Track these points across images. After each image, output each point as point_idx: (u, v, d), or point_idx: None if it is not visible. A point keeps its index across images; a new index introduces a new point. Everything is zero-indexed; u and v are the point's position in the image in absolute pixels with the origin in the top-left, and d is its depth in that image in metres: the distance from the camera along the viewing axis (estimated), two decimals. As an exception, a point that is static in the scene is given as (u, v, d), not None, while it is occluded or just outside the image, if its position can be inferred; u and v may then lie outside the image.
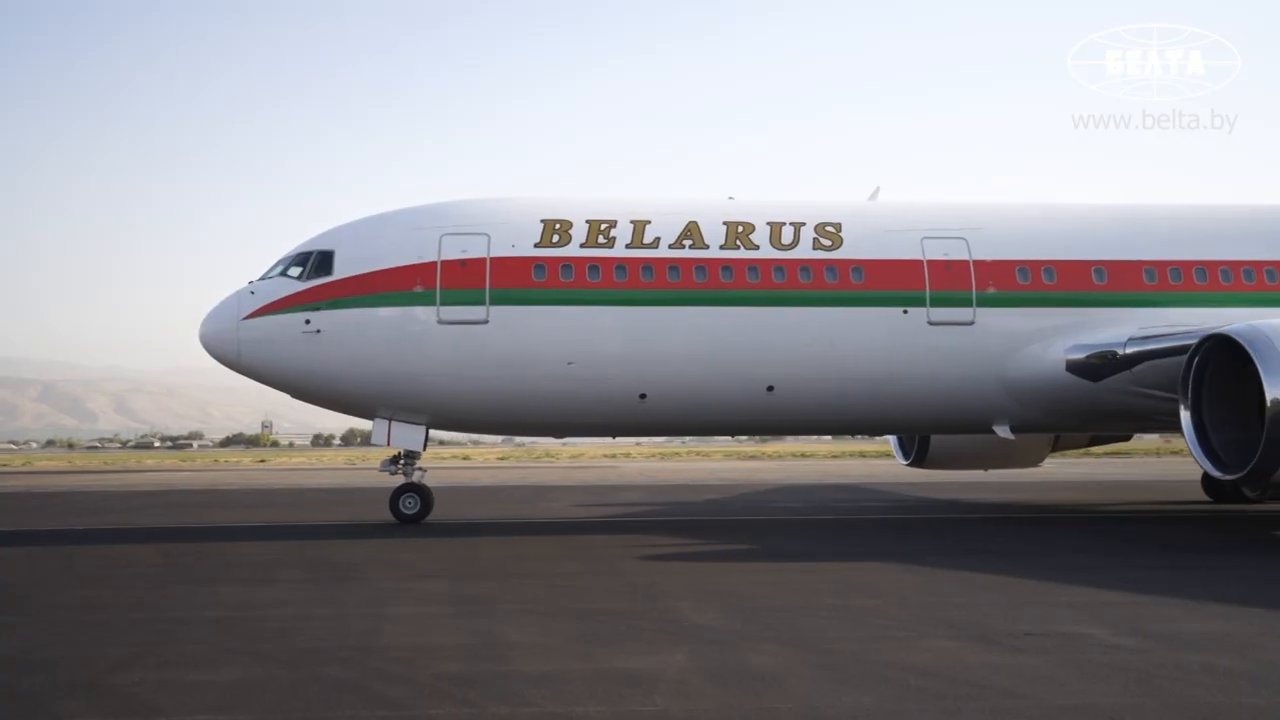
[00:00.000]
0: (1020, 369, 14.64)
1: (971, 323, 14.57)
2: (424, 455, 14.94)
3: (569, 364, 14.01)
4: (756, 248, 14.60)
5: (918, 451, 18.92)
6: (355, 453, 73.95)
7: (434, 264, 13.99)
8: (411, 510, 14.68)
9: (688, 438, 65.94)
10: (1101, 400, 14.36)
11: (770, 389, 14.41)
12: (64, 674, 5.94)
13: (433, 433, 15.04)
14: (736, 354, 14.28)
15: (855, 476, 29.49)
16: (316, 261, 14.22)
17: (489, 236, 14.24)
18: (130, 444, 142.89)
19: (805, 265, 14.57)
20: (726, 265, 14.49)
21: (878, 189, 17.20)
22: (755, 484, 26.33)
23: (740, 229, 14.72)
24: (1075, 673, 5.76)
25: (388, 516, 14.66)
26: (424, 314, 13.90)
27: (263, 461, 55.73)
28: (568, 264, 14.26)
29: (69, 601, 8.69)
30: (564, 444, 79.47)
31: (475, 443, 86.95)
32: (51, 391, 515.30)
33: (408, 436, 14.44)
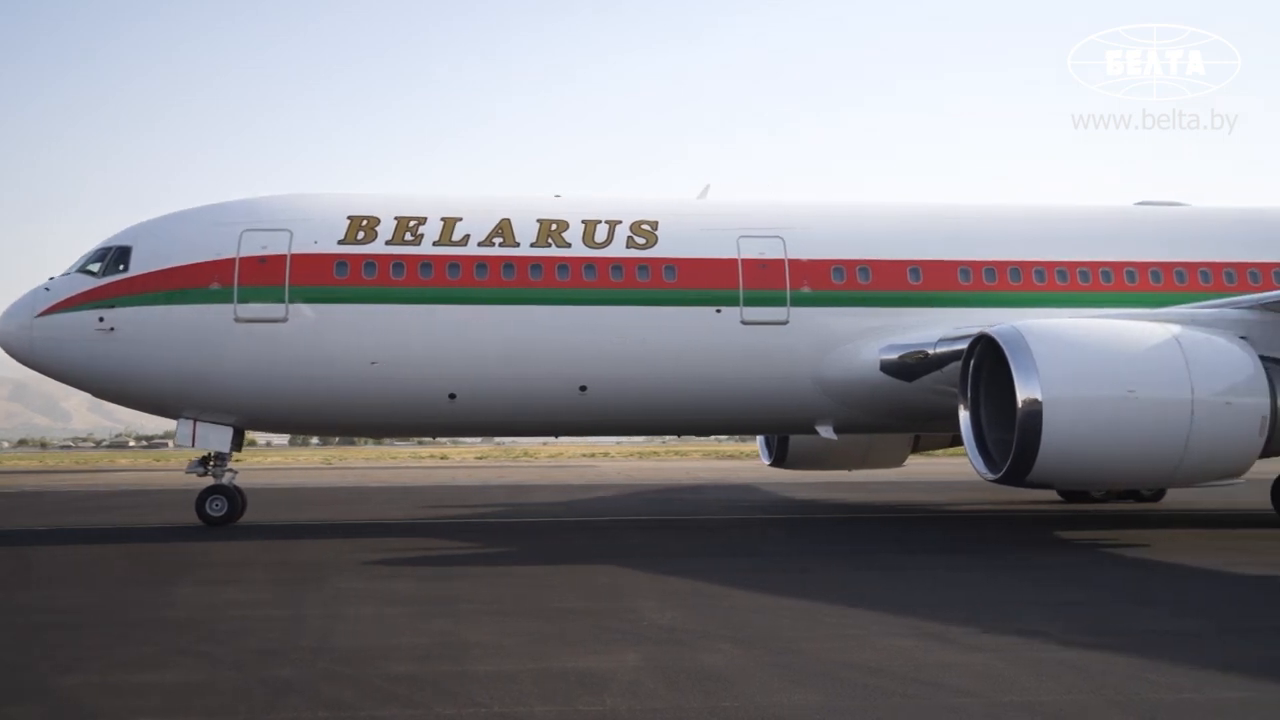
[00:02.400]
0: (836, 369, 14.53)
1: (786, 322, 14.42)
2: (406, 454, 14.83)
3: (372, 364, 13.75)
4: (569, 246, 14.47)
5: (777, 452, 18.90)
6: (333, 452, 73.63)
7: (232, 260, 13.70)
8: (218, 513, 14.34)
9: (664, 437, 65.83)
10: (916, 400, 14.26)
11: (583, 389, 14.24)
12: (8, 677, 5.87)
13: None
14: (547, 354, 14.08)
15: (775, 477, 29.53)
16: (114, 257, 13.91)
17: (291, 233, 13.97)
18: (104, 444, 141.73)
19: (617, 264, 14.42)
20: (536, 263, 14.32)
21: (707, 187, 16.98)
22: (701, 482, 26.35)
23: (554, 227, 14.55)
24: (1026, 670, 5.78)
25: (359, 517, 14.63)
26: (220, 312, 13.58)
27: (238, 461, 55.29)
28: (371, 261, 13.99)
29: (25, 603, 8.60)
30: (544, 444, 79.51)
31: (455, 443, 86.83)
32: (24, 390, 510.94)
33: (214, 438, 14.16)
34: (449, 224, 14.40)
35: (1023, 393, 11.03)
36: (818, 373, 14.51)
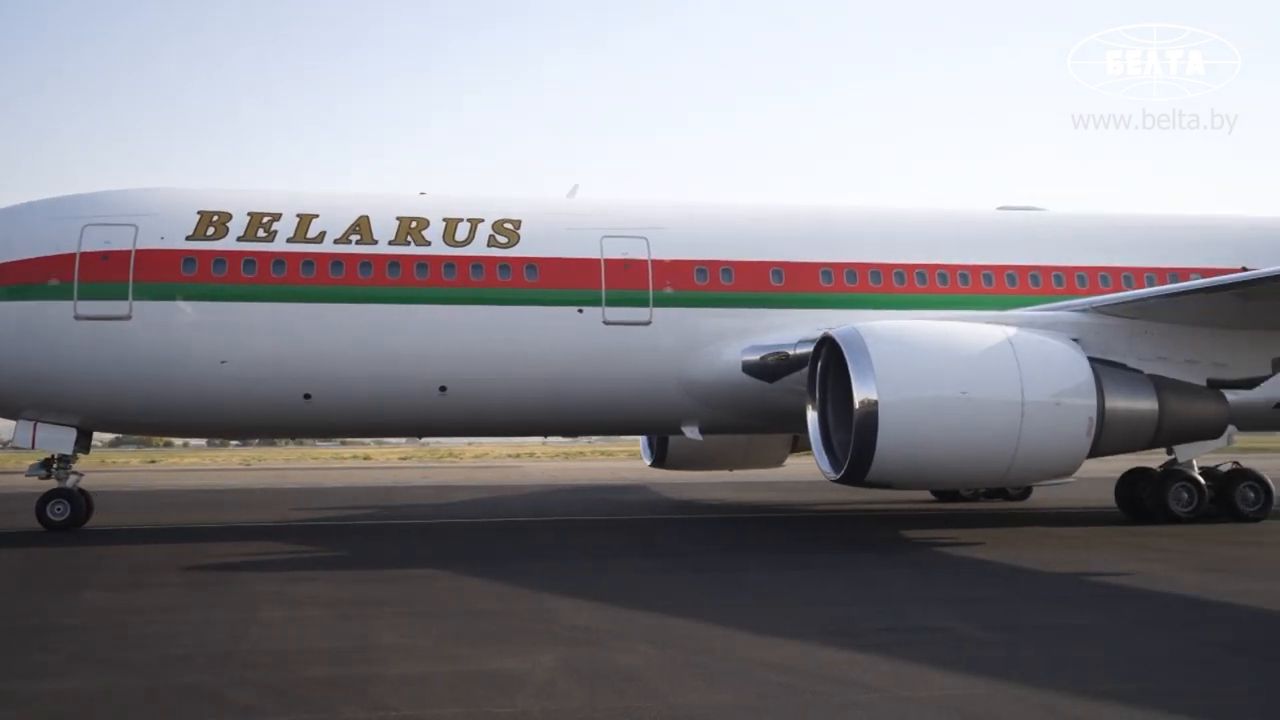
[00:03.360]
0: (699, 369, 14.52)
1: (648, 323, 14.39)
2: (328, 454, 14.60)
3: (222, 363, 13.47)
4: (428, 244, 14.30)
5: (657, 453, 18.89)
6: (252, 453, 72.05)
7: (72, 256, 13.34)
8: (60, 517, 13.84)
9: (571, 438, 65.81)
10: (778, 401, 14.19)
11: (443, 389, 14.07)
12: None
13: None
14: (405, 353, 13.93)
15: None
16: None
17: (137, 228, 13.62)
18: (10, 444, 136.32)
19: (477, 263, 14.31)
20: (394, 262, 14.12)
21: (575, 187, 16.89)
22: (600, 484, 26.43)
23: (414, 224, 14.41)
24: (933, 667, 5.93)
25: (274, 518, 14.38)
26: (60, 310, 13.18)
27: (153, 462, 53.90)
28: (221, 258, 13.67)
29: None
30: (469, 444, 78.80)
31: (379, 443, 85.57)
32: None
33: (56, 439, 13.75)
34: (304, 220, 14.12)
35: (860, 394, 11.21)
36: (681, 373, 14.51)
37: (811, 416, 12.31)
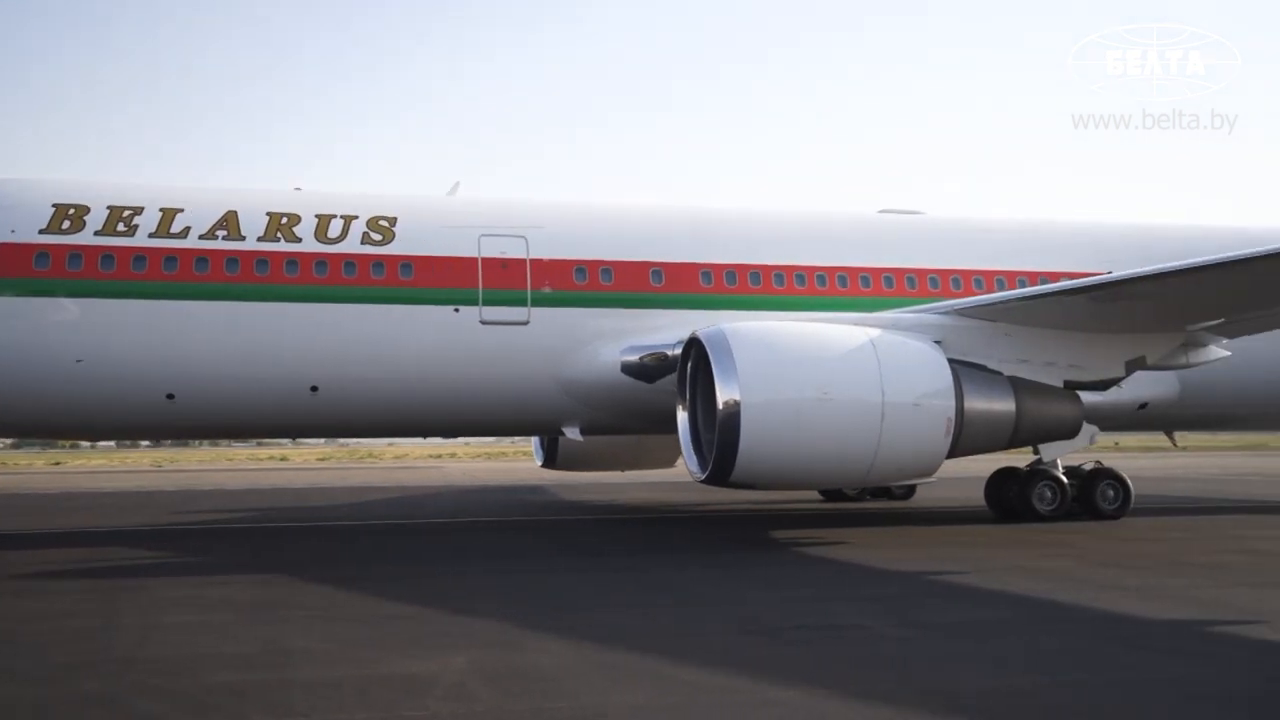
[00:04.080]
0: (578, 370, 14.42)
1: (526, 322, 14.26)
2: (244, 455, 14.27)
3: (77, 361, 13.04)
4: (299, 240, 13.95)
5: (547, 453, 18.84)
6: (164, 454, 70.07)
7: None
8: None
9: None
10: (657, 402, 13.95)
11: (314, 389, 13.75)
12: None
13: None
14: (274, 353, 13.60)
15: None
16: None
17: None
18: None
19: (350, 260, 14.01)
20: (262, 258, 13.75)
21: (457, 184, 16.71)
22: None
23: (284, 220, 14.04)
24: (843, 664, 6.03)
25: (184, 520, 14.04)
26: None
27: (57, 464, 52.11)
28: (77, 253, 13.18)
29: None
30: (389, 444, 77.68)
31: (298, 444, 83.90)
32: None
33: None
34: (168, 215, 13.67)
35: (723, 394, 11.27)
36: (560, 374, 14.41)
37: (682, 417, 12.35)
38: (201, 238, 13.61)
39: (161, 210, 13.67)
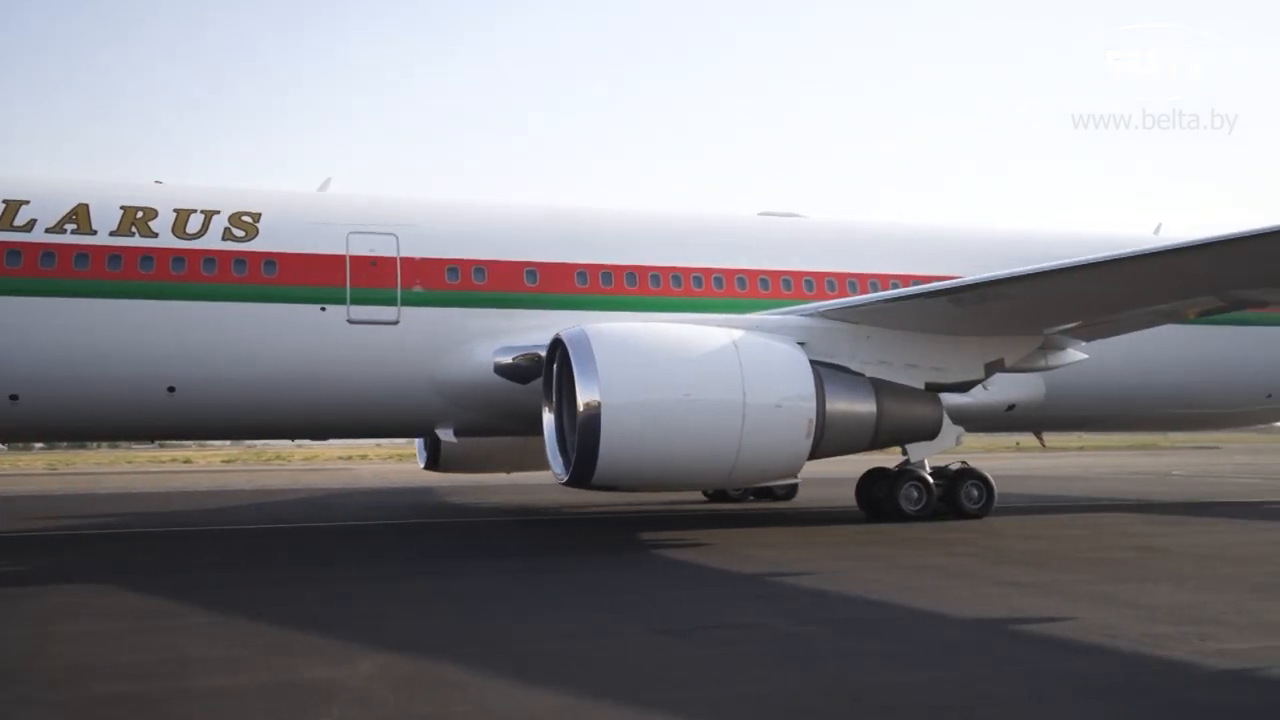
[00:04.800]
0: (451, 371, 14.19)
1: (396, 322, 14.02)
2: (145, 457, 13.79)
3: None
4: (155, 236, 13.49)
5: (430, 454, 18.66)
6: (59, 456, 67.52)
7: None
8: None
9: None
10: (531, 403, 13.65)
11: (171, 390, 13.33)
12: None
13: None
14: (128, 352, 13.15)
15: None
16: None
17: None
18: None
19: (210, 257, 13.58)
20: (115, 254, 13.27)
21: (328, 180, 16.33)
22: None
23: (139, 215, 13.54)
24: (750, 663, 6.10)
25: (80, 526, 13.55)
26: None
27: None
28: None
29: None
30: (298, 445, 75.99)
31: (202, 446, 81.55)
32: None
33: None
34: (12, 207, 13.14)
35: (584, 396, 11.22)
36: (432, 374, 14.17)
37: (547, 418, 12.30)
38: (48, 231, 13.07)
39: (4, 202, 13.12)
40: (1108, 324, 14.78)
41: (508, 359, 13.98)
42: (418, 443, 19.69)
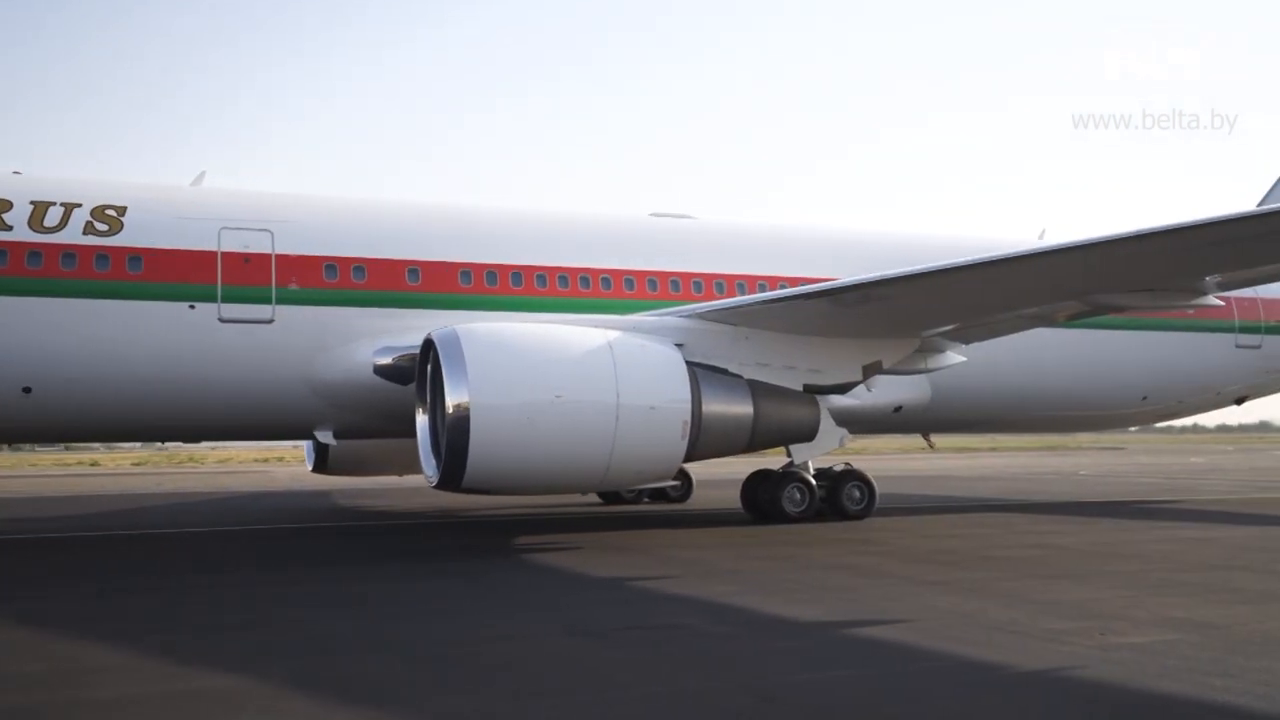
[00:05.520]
0: (329, 371, 13.83)
1: (271, 321, 13.62)
2: (49, 460, 13.28)
3: None
4: (10, 229, 12.96)
5: (318, 457, 18.30)
6: (-44, 460, 64.79)
7: None
8: None
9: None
10: (413, 405, 13.27)
11: (27, 391, 12.86)
12: None
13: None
14: None
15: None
16: None
17: None
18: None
19: (70, 252, 13.08)
20: None
21: (202, 174, 15.85)
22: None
23: None
24: (671, 663, 6.14)
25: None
26: None
27: None
28: None
29: None
30: (212, 448, 74.11)
31: (110, 448, 79.06)
32: None
33: None
34: None
35: (452, 397, 11.10)
36: (310, 375, 13.81)
37: (421, 420, 12.13)
38: None
39: None
40: (982, 327, 14.91)
41: (388, 360, 13.61)
42: (306, 445, 19.07)
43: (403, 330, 13.70)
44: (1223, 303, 14.89)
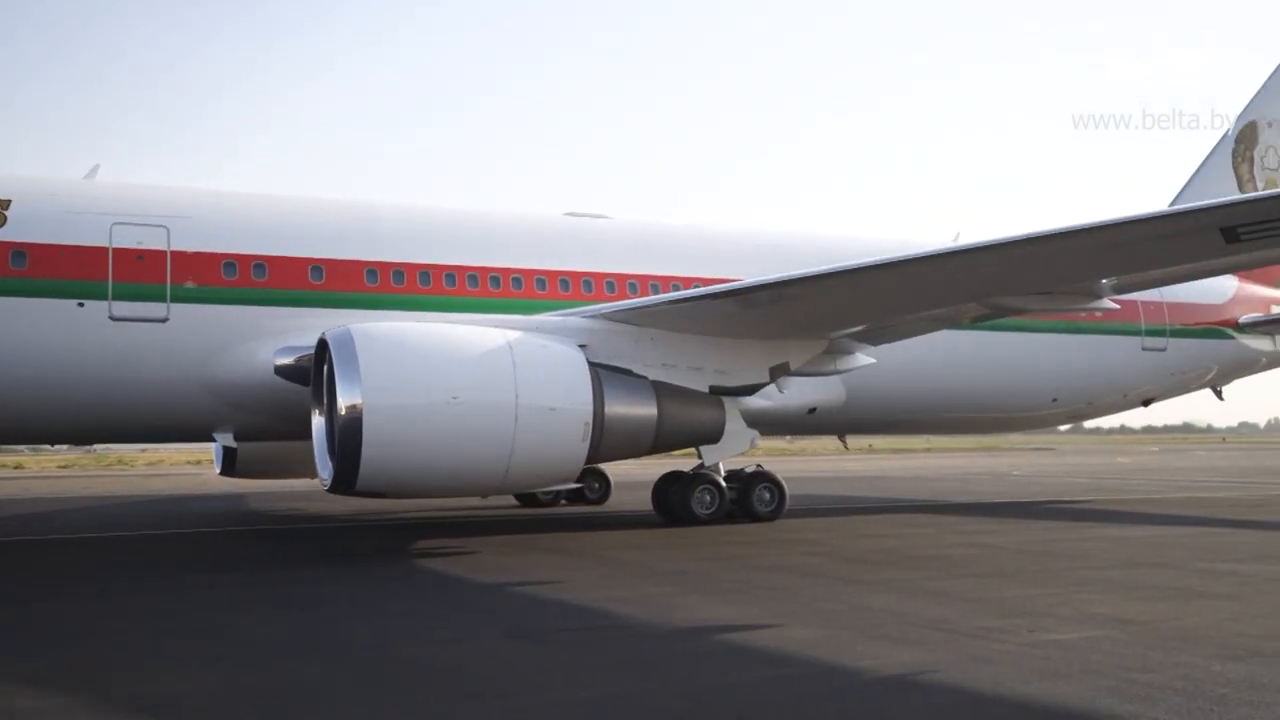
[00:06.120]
0: (229, 372, 13.49)
1: (166, 319, 13.24)
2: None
3: None
4: None
5: (225, 459, 17.91)
6: None
7: None
8: None
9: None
10: None
11: None
12: None
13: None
14: None
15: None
16: None
17: None
18: None
19: None
20: None
21: (96, 167, 15.45)
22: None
23: None
24: (595, 666, 6.17)
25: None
26: None
27: None
28: None
29: None
30: (142, 450, 72.43)
31: (36, 450, 76.85)
32: None
33: None
34: None
35: (345, 398, 10.89)
36: (208, 376, 13.46)
37: (317, 422, 11.93)
38: None
39: None
40: (889, 328, 14.86)
41: (289, 360, 13.27)
42: (215, 447, 18.48)
43: (305, 330, 13.30)
44: (1119, 306, 14.95)
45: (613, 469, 19.12)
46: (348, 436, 10.85)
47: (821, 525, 14.95)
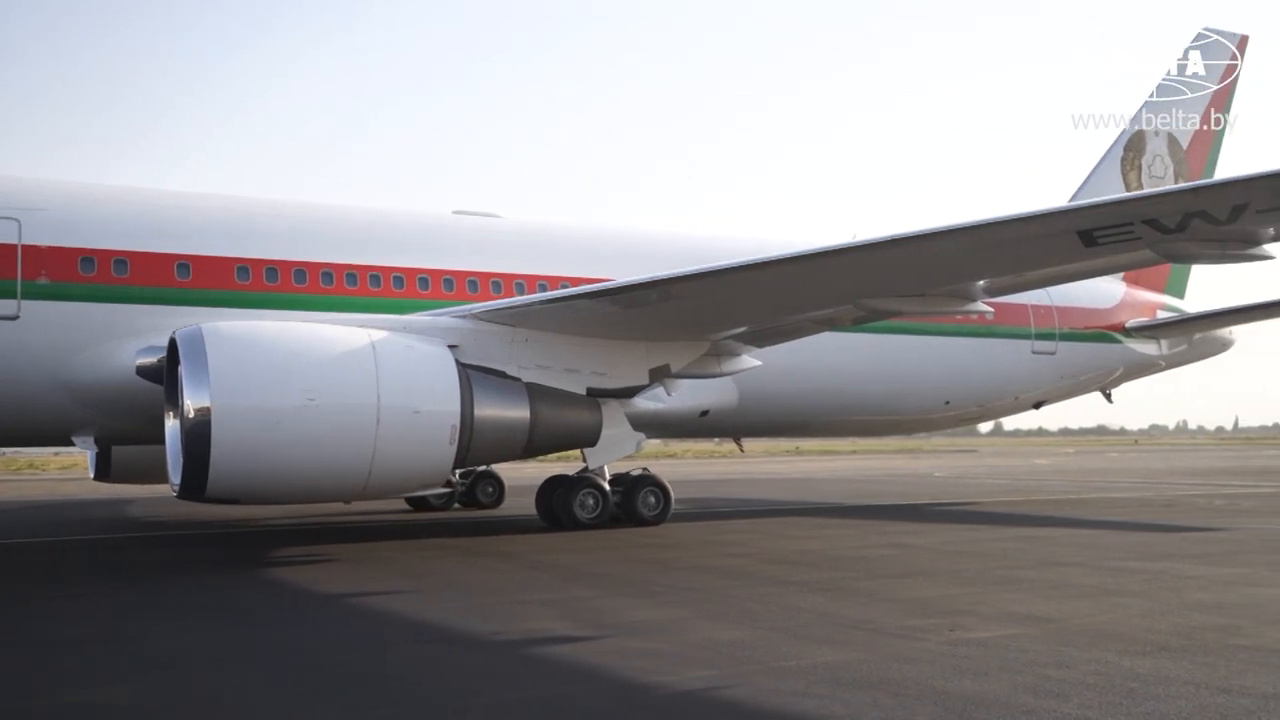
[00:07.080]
0: (87, 374, 12.97)
1: (17, 317, 12.71)
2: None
3: None
4: None
5: (99, 464, 17.40)
6: None
7: None
8: None
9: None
10: None
11: None
12: None
13: None
14: None
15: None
16: None
17: None
18: None
19: None
20: None
21: None
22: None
23: None
24: (537, 666, 6.20)
25: None
26: None
27: None
28: None
29: None
30: (55, 453, 70.10)
31: (-63, 453, 73.87)
32: None
33: None
34: None
35: (192, 401, 10.49)
36: (64, 377, 12.92)
37: (170, 425, 11.48)
38: None
39: None
40: (772, 331, 14.66)
41: (152, 360, 12.61)
42: (89, 452, 17.67)
43: (170, 329, 12.37)
44: (992, 310, 14.86)
45: (509, 472, 19.04)
46: (195, 441, 10.41)
47: (763, 528, 15.04)
